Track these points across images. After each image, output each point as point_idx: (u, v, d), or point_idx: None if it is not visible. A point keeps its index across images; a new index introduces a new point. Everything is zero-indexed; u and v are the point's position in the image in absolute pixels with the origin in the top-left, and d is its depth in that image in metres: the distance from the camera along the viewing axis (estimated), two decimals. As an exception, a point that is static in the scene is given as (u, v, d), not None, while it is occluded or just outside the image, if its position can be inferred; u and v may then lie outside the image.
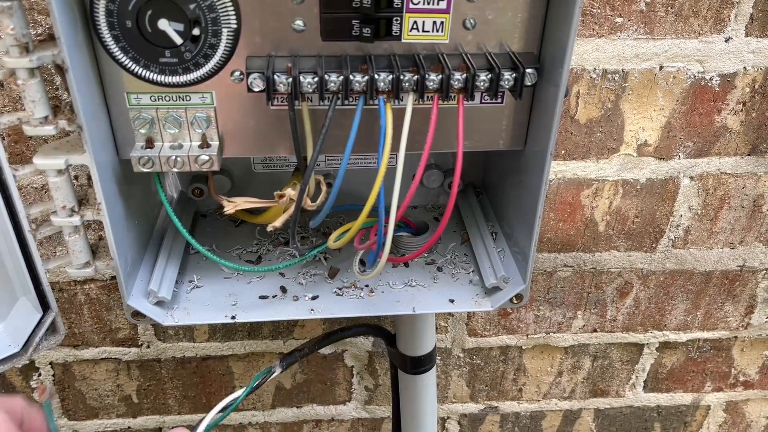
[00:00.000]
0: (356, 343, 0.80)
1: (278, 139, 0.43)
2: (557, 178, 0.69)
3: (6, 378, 0.78)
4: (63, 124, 0.38)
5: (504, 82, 0.39)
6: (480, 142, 0.45)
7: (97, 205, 0.40)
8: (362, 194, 0.40)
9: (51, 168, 0.39)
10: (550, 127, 0.40)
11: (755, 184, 0.72)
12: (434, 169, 0.57)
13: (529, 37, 0.41)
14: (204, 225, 0.56)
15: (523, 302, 0.47)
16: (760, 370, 0.89)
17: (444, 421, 0.90)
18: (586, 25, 0.61)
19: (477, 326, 0.80)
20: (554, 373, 0.86)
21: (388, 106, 0.38)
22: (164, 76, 0.39)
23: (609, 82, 0.64)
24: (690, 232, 0.75)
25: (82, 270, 0.43)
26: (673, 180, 0.71)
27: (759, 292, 0.81)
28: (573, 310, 0.80)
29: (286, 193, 0.44)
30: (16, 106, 0.60)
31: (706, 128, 0.68)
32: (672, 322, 0.82)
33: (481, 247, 0.52)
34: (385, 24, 0.39)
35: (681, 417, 0.93)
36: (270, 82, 0.38)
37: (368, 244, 0.45)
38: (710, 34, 0.62)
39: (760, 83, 0.66)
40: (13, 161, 0.63)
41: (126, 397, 0.82)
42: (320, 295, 0.49)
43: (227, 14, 0.38)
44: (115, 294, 0.72)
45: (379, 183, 0.39)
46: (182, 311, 0.47)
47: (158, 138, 0.41)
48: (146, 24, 0.37)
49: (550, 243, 0.74)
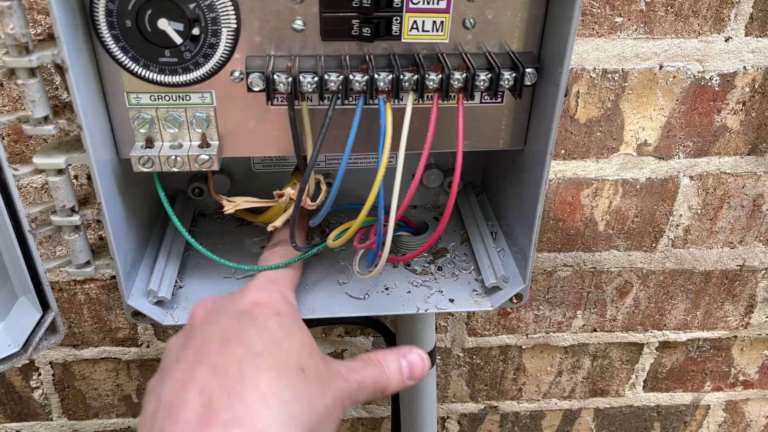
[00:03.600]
0: (356, 342, 0.80)
1: (278, 138, 0.43)
2: (557, 177, 0.70)
3: (6, 378, 0.78)
4: (63, 124, 0.38)
5: (504, 82, 0.39)
6: (480, 142, 0.45)
7: (97, 205, 0.40)
8: (362, 194, 0.40)
9: (51, 167, 0.39)
10: (550, 127, 0.40)
11: (755, 184, 0.72)
12: (434, 168, 0.57)
13: (529, 36, 0.41)
14: (204, 225, 0.56)
15: (522, 302, 0.47)
16: (760, 370, 0.89)
17: (444, 421, 0.90)
18: (586, 25, 0.61)
19: (477, 326, 0.80)
20: (554, 373, 0.86)
21: (388, 105, 0.38)
22: (164, 75, 0.39)
23: (609, 81, 0.64)
24: (690, 232, 0.75)
25: (82, 270, 0.43)
26: (673, 179, 0.71)
27: (759, 291, 0.81)
28: (573, 310, 0.80)
29: (286, 193, 0.44)
30: (16, 105, 0.60)
31: (705, 128, 0.68)
32: (672, 321, 0.82)
33: (481, 246, 0.52)
34: (384, 23, 0.39)
35: (681, 416, 0.93)
36: (270, 81, 0.38)
37: (368, 243, 0.45)
38: (710, 33, 0.62)
39: (760, 83, 0.66)
40: (13, 161, 0.63)
41: (126, 397, 0.82)
42: (320, 295, 0.49)
43: (227, 14, 0.38)
44: (114, 294, 0.72)
45: (379, 182, 0.39)
46: (182, 311, 0.47)
47: (158, 137, 0.41)
48: (146, 23, 0.37)
49: (550, 242, 0.74)
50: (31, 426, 0.83)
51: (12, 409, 0.81)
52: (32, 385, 0.79)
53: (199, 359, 0.33)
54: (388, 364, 0.39)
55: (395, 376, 0.39)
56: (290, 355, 0.34)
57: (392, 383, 0.39)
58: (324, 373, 0.35)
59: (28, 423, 0.83)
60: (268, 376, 0.32)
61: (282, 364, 0.33)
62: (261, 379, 0.32)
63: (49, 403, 0.81)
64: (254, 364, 0.33)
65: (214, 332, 0.35)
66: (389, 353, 0.40)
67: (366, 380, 0.38)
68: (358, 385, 0.37)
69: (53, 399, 0.81)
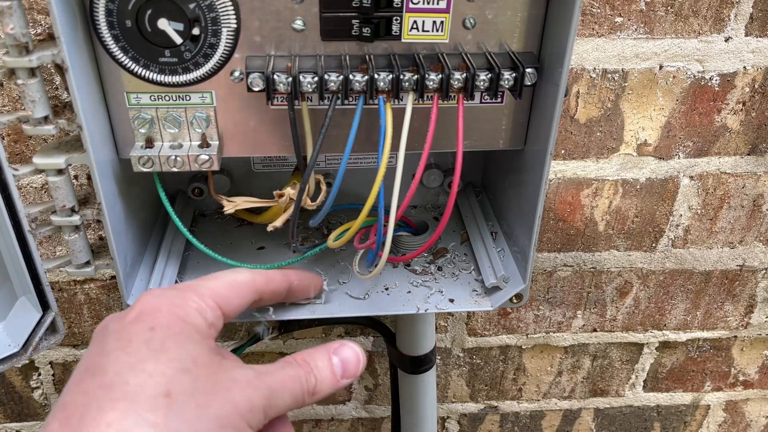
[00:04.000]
0: (356, 342, 0.80)
1: (278, 138, 0.43)
2: (557, 177, 0.70)
3: (6, 378, 0.78)
4: (63, 124, 0.38)
5: (504, 82, 0.39)
6: (480, 142, 0.45)
7: (97, 205, 0.40)
8: (362, 194, 0.40)
9: (51, 167, 0.39)
10: (550, 127, 0.40)
11: (755, 184, 0.72)
12: (434, 168, 0.57)
13: (529, 36, 0.41)
14: (204, 225, 0.56)
15: (522, 302, 0.47)
16: (760, 370, 0.89)
17: (444, 421, 0.90)
18: (586, 25, 0.61)
19: (477, 326, 0.80)
20: (554, 373, 0.86)
21: (388, 105, 0.38)
22: (164, 75, 0.39)
23: (609, 81, 0.64)
24: (690, 232, 0.75)
25: (82, 270, 0.43)
26: (673, 179, 0.71)
27: (759, 291, 0.81)
28: (573, 310, 0.80)
29: (286, 193, 0.44)
30: (16, 105, 0.60)
31: (705, 128, 0.68)
32: (672, 321, 0.82)
33: (481, 246, 0.52)
34: (384, 23, 0.39)
35: (681, 416, 0.93)
36: (270, 81, 0.38)
37: (368, 243, 0.45)
38: (710, 33, 0.62)
39: (760, 83, 0.66)
40: (13, 161, 0.63)
41: (126, 397, 0.82)
42: (320, 295, 0.49)
43: (227, 14, 0.38)
44: (115, 294, 0.72)
45: (379, 182, 0.39)
46: (182, 311, 0.47)
47: (158, 137, 0.41)
48: (146, 23, 0.37)
49: (550, 242, 0.74)
50: (31, 426, 0.83)
51: (12, 409, 0.81)
52: (32, 385, 0.79)
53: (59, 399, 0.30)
54: (316, 363, 0.35)
55: (325, 374, 0.34)
56: (150, 379, 0.28)
57: (323, 384, 0.34)
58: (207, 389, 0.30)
59: (28, 423, 0.83)
60: (114, 414, 0.27)
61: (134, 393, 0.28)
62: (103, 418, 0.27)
63: (49, 403, 0.81)
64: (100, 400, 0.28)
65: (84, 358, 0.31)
66: (317, 350, 0.35)
67: (285, 382, 0.33)
68: (271, 390, 0.32)
69: (53, 399, 0.81)
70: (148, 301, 0.32)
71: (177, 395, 0.28)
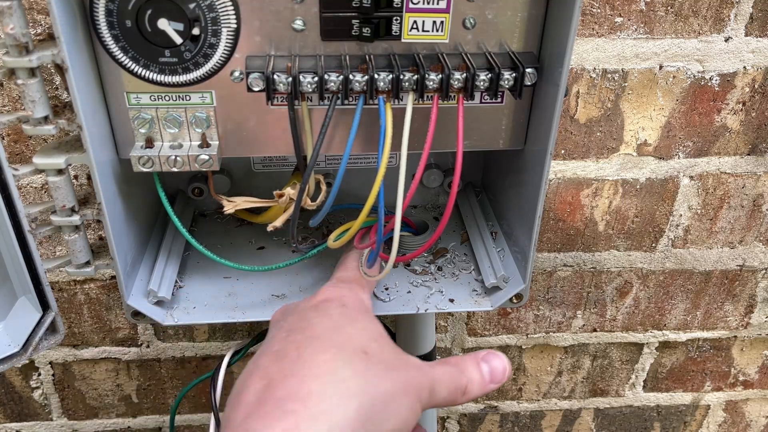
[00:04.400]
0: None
1: (278, 138, 0.43)
2: (557, 177, 0.70)
3: (6, 378, 0.78)
4: (63, 124, 0.38)
5: (504, 82, 0.39)
6: (480, 142, 0.45)
7: (97, 205, 0.40)
8: (362, 194, 0.40)
9: (51, 167, 0.39)
10: (550, 127, 0.40)
11: (755, 184, 0.72)
12: (434, 168, 0.57)
13: (529, 36, 0.41)
14: (204, 225, 0.56)
15: (522, 302, 0.47)
16: (760, 370, 0.89)
17: (444, 421, 0.90)
18: (586, 25, 0.61)
19: (477, 326, 0.80)
20: (554, 373, 0.86)
21: (388, 105, 0.38)
22: (164, 75, 0.39)
23: (609, 81, 0.64)
24: (690, 232, 0.75)
25: (82, 270, 0.43)
26: (673, 179, 0.71)
27: (758, 291, 0.81)
28: (573, 310, 0.80)
29: (286, 193, 0.44)
30: (16, 105, 0.60)
31: (705, 128, 0.68)
32: (672, 321, 0.82)
33: (481, 246, 0.52)
34: (384, 23, 0.39)
35: (681, 416, 0.93)
36: (270, 81, 0.38)
37: (368, 243, 0.45)
38: (710, 33, 0.62)
39: (760, 83, 0.66)
40: (13, 161, 0.63)
41: (126, 397, 0.82)
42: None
43: (227, 14, 0.38)
44: (114, 294, 0.72)
45: (379, 182, 0.39)
46: (182, 311, 0.47)
47: (158, 137, 0.41)
48: (146, 23, 0.37)
49: (550, 242, 0.74)
50: (31, 426, 0.83)
51: (12, 409, 0.81)
52: (32, 385, 0.79)
53: (264, 351, 0.36)
54: (467, 365, 0.39)
55: (476, 376, 0.38)
56: (351, 337, 0.35)
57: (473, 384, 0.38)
58: (391, 360, 0.35)
59: (28, 423, 0.83)
60: (326, 356, 0.33)
61: (341, 344, 0.34)
62: (318, 358, 0.33)
63: (49, 403, 0.81)
64: (312, 346, 0.34)
65: (281, 326, 0.38)
66: (467, 356, 0.39)
67: (443, 377, 0.37)
68: (434, 380, 0.36)
69: (53, 399, 0.81)
70: (331, 291, 0.40)
71: (371, 355, 0.34)
